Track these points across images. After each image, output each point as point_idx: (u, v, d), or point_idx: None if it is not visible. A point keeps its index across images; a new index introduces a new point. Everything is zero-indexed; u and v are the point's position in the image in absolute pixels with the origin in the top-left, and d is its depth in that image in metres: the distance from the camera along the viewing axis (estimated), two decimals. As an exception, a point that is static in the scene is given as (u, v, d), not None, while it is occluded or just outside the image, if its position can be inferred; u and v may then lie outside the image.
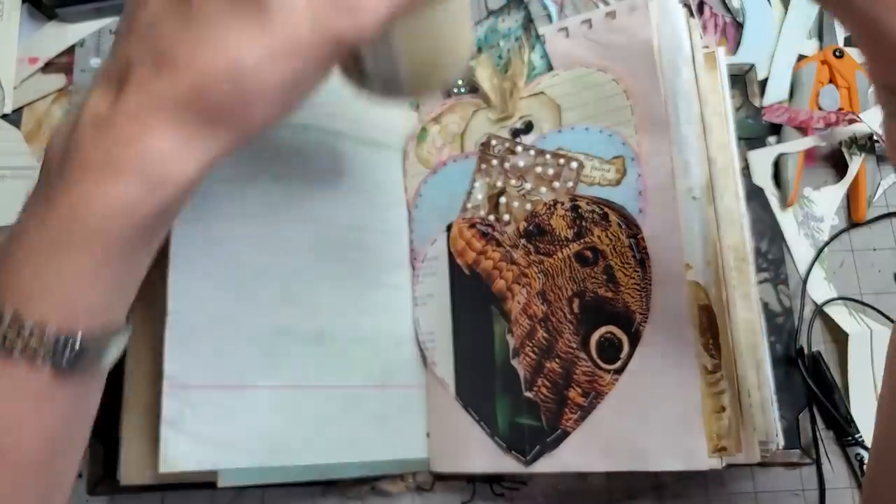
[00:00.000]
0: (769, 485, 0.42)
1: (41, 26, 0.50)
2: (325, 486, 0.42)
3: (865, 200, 0.46)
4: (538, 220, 0.41)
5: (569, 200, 0.40)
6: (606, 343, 0.37)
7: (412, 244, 0.44)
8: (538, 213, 0.41)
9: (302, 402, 0.38)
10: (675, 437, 0.35)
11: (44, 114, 0.48)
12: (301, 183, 0.41)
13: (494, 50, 0.44)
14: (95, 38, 0.50)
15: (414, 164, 0.45)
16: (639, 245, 0.38)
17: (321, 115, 0.43)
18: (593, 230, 0.39)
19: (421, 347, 0.43)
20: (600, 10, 0.42)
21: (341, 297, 0.41)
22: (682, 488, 0.42)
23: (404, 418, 0.42)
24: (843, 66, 0.48)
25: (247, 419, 0.36)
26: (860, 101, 0.48)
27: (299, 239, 0.40)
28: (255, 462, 0.36)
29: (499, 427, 0.40)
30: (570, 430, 0.38)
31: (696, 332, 0.36)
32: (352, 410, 0.40)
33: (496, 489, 0.42)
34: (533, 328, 0.39)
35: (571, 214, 0.40)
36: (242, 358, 0.37)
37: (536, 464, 0.38)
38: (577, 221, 0.40)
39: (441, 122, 0.45)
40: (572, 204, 0.40)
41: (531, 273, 0.40)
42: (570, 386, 0.38)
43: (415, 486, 0.42)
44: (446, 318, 0.42)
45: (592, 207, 0.40)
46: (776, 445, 0.37)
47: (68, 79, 0.49)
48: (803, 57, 0.50)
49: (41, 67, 0.49)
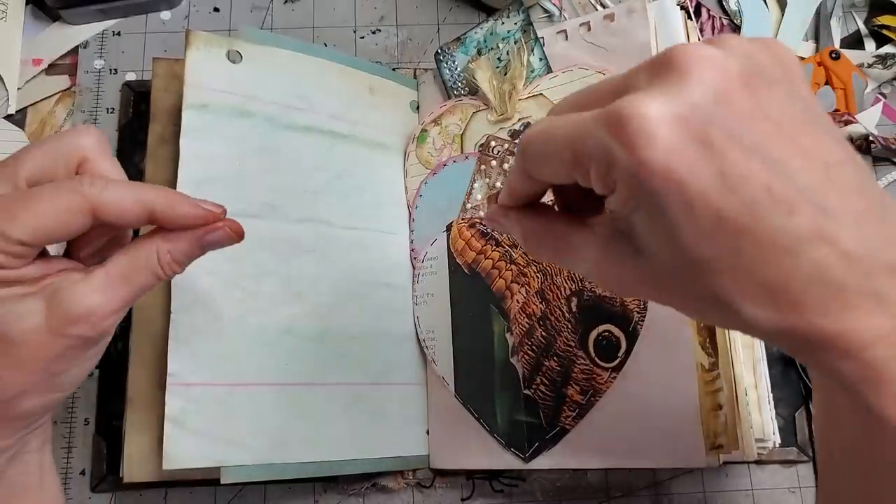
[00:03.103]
0: (766, 482, 0.43)
1: (45, 27, 0.50)
2: (326, 483, 0.43)
3: (861, 201, 0.46)
4: (537, 220, 0.41)
5: (567, 201, 0.41)
6: (604, 341, 0.38)
7: (412, 244, 0.45)
8: (537, 213, 0.41)
9: (303, 399, 0.39)
10: (673, 435, 0.36)
11: (48, 114, 0.49)
12: (302, 183, 0.42)
13: (494, 52, 0.45)
14: (99, 40, 0.50)
15: (415, 164, 0.46)
16: (636, 245, 0.38)
17: (323, 117, 0.43)
18: (591, 230, 0.39)
19: (421, 346, 0.43)
20: (599, 13, 0.42)
21: (342, 296, 0.41)
22: (679, 485, 0.42)
23: (404, 415, 0.42)
24: (839, 68, 0.49)
25: (249, 416, 0.37)
26: (856, 103, 0.48)
27: (300, 239, 0.41)
28: (257, 459, 0.36)
29: (498, 424, 0.40)
30: (569, 428, 0.38)
31: (693, 330, 0.36)
32: (352, 408, 0.40)
33: (495, 485, 0.43)
34: (532, 327, 0.40)
35: (570, 214, 0.40)
36: (245, 356, 0.37)
37: (535, 461, 0.39)
38: (575, 221, 0.40)
39: (441, 123, 0.46)
40: (571, 204, 0.40)
41: (530, 272, 0.40)
42: (568, 384, 0.38)
43: (415, 483, 0.43)
44: (446, 317, 0.42)
45: (591, 207, 0.40)
46: (773, 443, 0.37)
47: (72, 80, 0.49)
48: (800, 59, 0.50)
49: (45, 69, 0.49)
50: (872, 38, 0.51)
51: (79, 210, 0.25)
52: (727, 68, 0.18)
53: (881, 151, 0.48)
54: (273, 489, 0.43)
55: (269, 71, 0.42)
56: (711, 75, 0.18)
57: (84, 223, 0.25)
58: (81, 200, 0.25)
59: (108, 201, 0.25)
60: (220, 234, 0.28)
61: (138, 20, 0.51)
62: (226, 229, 0.28)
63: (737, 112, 0.18)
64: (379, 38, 0.51)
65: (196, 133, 0.38)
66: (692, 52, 0.18)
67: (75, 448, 0.42)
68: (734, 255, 0.18)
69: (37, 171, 0.26)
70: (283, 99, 0.42)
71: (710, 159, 0.17)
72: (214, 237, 0.28)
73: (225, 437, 0.36)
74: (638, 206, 0.19)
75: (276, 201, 0.40)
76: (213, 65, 0.40)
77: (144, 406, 0.38)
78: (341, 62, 0.45)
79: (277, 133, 0.41)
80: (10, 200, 0.24)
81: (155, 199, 0.26)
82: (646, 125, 0.17)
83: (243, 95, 0.40)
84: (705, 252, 0.18)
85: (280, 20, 0.51)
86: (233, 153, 0.40)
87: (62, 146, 0.27)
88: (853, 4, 0.52)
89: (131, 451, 0.37)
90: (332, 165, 0.43)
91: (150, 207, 0.26)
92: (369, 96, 0.45)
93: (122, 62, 0.49)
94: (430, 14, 0.52)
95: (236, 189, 0.39)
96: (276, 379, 0.38)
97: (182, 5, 0.51)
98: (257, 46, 0.41)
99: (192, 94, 0.39)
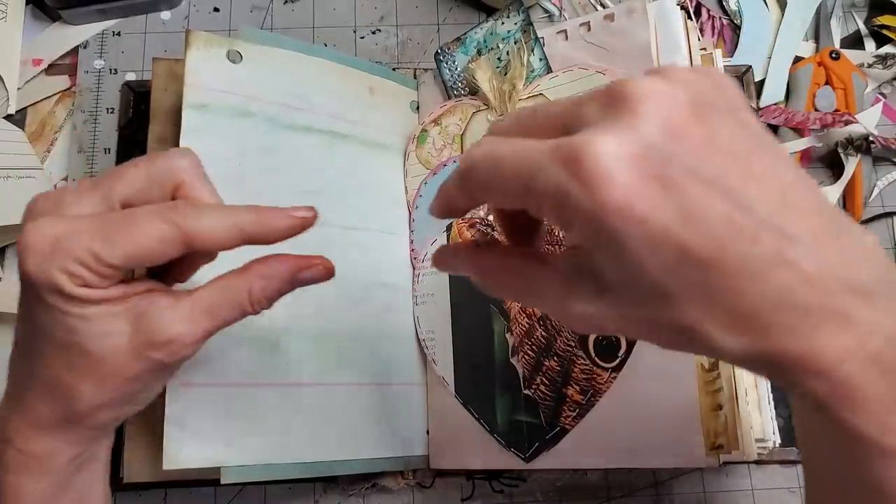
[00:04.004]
0: (766, 482, 0.43)
1: (45, 27, 0.50)
2: (327, 483, 0.43)
3: (861, 201, 0.47)
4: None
5: (567, 201, 0.41)
6: (604, 341, 0.38)
7: (412, 244, 0.45)
8: (537, 213, 0.41)
9: (303, 399, 0.39)
10: (673, 435, 0.36)
11: (47, 115, 0.49)
12: (302, 183, 0.42)
13: (494, 52, 0.45)
14: (99, 40, 0.50)
15: (415, 164, 0.46)
16: (636, 245, 0.38)
17: (323, 117, 0.43)
18: (591, 230, 0.39)
19: (421, 346, 0.43)
20: (599, 13, 0.42)
21: (342, 296, 0.41)
22: (679, 485, 0.42)
23: (404, 416, 0.42)
24: (839, 68, 0.49)
25: (249, 417, 0.37)
26: (856, 103, 0.48)
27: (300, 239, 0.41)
28: (257, 459, 0.36)
29: (498, 424, 0.40)
30: (569, 428, 0.38)
31: (693, 330, 0.36)
32: (353, 408, 0.40)
33: (495, 486, 0.43)
34: (531, 327, 0.40)
35: (570, 214, 0.40)
36: (245, 356, 0.37)
37: (535, 461, 0.39)
38: (575, 221, 0.40)
39: (441, 123, 0.46)
40: (571, 204, 0.40)
41: (530, 272, 0.40)
42: (568, 384, 0.38)
43: (415, 483, 0.43)
44: (446, 317, 0.42)
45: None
46: (773, 443, 0.37)
47: (72, 80, 0.49)
48: (800, 59, 0.50)
49: (45, 69, 0.49)
50: (872, 38, 0.51)
51: (173, 240, 0.25)
52: (677, 101, 0.18)
53: (881, 151, 0.48)
54: (273, 489, 0.43)
55: (269, 71, 0.42)
56: (662, 109, 0.18)
57: (177, 252, 0.25)
58: (176, 231, 0.25)
59: (202, 230, 0.25)
60: (314, 273, 0.29)
61: (138, 20, 0.51)
62: (320, 267, 0.29)
63: (691, 145, 0.18)
64: (379, 38, 0.51)
65: (196, 133, 0.38)
66: (641, 86, 0.18)
67: (75, 448, 0.42)
68: (701, 286, 0.18)
69: (133, 192, 0.26)
70: (283, 99, 0.42)
71: (670, 195, 0.17)
72: (308, 275, 0.29)
73: (225, 438, 0.36)
74: (597, 244, 0.19)
75: (277, 201, 0.40)
76: (213, 65, 0.40)
77: (144, 406, 0.38)
78: (341, 62, 0.45)
79: (277, 133, 0.41)
80: (108, 223, 0.25)
81: (248, 221, 0.26)
82: (603, 164, 0.17)
83: (243, 95, 0.40)
84: (672, 285, 0.18)
85: (280, 20, 0.51)
86: (233, 153, 0.39)
87: (159, 168, 0.27)
88: (853, 4, 0.52)
89: (131, 451, 0.38)
90: (333, 165, 0.43)
91: (244, 230, 0.26)
92: (369, 96, 0.45)
93: (122, 62, 0.50)
94: (430, 14, 0.52)
95: (236, 189, 0.39)
96: (276, 379, 0.38)
97: (182, 5, 0.51)
98: (257, 46, 0.41)
99: (192, 94, 0.39)
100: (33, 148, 0.48)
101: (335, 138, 0.43)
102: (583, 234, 0.19)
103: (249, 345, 0.38)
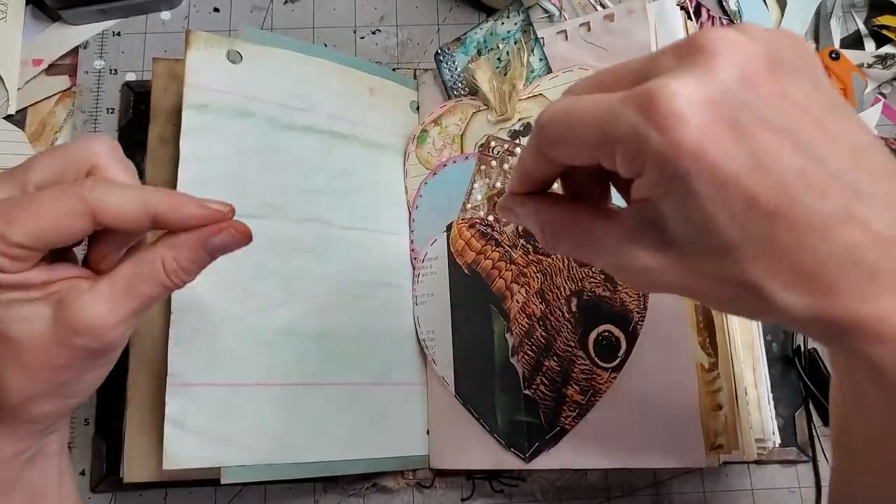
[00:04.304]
0: (766, 482, 0.43)
1: (45, 28, 0.50)
2: (327, 483, 0.43)
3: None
4: (537, 220, 0.41)
5: (567, 201, 0.41)
6: (604, 342, 0.38)
7: (412, 244, 0.45)
8: (537, 213, 0.41)
9: (304, 399, 0.39)
10: (673, 435, 0.36)
11: (48, 115, 0.49)
12: (302, 183, 0.42)
13: (494, 52, 0.45)
14: (99, 40, 0.50)
15: (415, 165, 0.46)
16: (636, 245, 0.38)
17: (323, 117, 0.43)
18: (591, 230, 0.39)
19: (421, 346, 0.43)
20: (598, 13, 0.42)
21: (342, 296, 0.41)
22: (679, 485, 0.42)
23: (404, 415, 0.42)
24: (839, 68, 0.49)
25: (249, 417, 0.37)
26: (856, 103, 0.48)
27: (300, 239, 0.41)
28: (257, 459, 0.36)
29: (498, 424, 0.40)
30: (569, 428, 0.38)
31: (693, 330, 0.36)
32: (353, 408, 0.40)
33: (495, 485, 0.43)
34: (531, 327, 0.40)
35: (570, 214, 0.40)
36: (245, 356, 0.37)
37: (535, 460, 0.39)
38: (575, 221, 0.40)
39: (441, 123, 0.46)
40: (571, 204, 0.40)
41: (530, 272, 0.40)
42: (568, 384, 0.38)
43: (415, 483, 0.43)
44: (446, 317, 0.42)
45: (591, 208, 0.40)
46: (773, 443, 0.37)
47: (72, 80, 0.49)
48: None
49: (45, 69, 0.49)
50: (872, 38, 0.51)
51: (78, 213, 0.24)
52: (754, 53, 0.18)
53: (881, 151, 0.48)
54: (273, 489, 0.43)
55: (269, 71, 0.42)
56: (739, 59, 0.18)
57: (84, 227, 0.25)
58: (81, 204, 0.24)
59: (109, 205, 0.25)
60: (226, 237, 0.27)
61: (138, 20, 0.51)
62: (230, 230, 0.27)
63: (765, 95, 0.18)
64: (379, 38, 0.51)
65: (196, 133, 0.38)
66: (719, 36, 0.18)
67: (75, 448, 0.42)
68: (767, 240, 0.18)
69: (47, 177, 0.26)
70: (282, 99, 0.42)
71: (742, 142, 0.17)
72: (220, 240, 0.27)
73: (225, 438, 0.36)
74: (668, 191, 0.19)
75: (276, 201, 0.40)
76: (213, 65, 0.40)
77: (144, 406, 0.38)
78: (341, 62, 0.45)
79: (277, 133, 0.41)
80: (11, 205, 0.24)
81: (158, 201, 0.26)
82: (678, 107, 0.17)
83: (243, 95, 0.40)
84: (738, 236, 0.18)
85: (280, 20, 0.51)
86: (233, 153, 0.40)
87: (73, 152, 0.26)
88: (853, 4, 0.52)
89: (131, 451, 0.37)
90: (332, 165, 0.43)
91: (153, 210, 0.26)
92: (369, 96, 0.45)
93: (122, 62, 0.50)
94: (430, 14, 0.52)
95: (236, 189, 0.39)
96: (276, 379, 0.38)
97: (182, 5, 0.51)
98: (257, 46, 0.41)
99: (192, 95, 0.39)
100: (33, 148, 0.48)
101: (335, 138, 0.43)
102: (654, 179, 0.19)
103: (249, 345, 0.38)
